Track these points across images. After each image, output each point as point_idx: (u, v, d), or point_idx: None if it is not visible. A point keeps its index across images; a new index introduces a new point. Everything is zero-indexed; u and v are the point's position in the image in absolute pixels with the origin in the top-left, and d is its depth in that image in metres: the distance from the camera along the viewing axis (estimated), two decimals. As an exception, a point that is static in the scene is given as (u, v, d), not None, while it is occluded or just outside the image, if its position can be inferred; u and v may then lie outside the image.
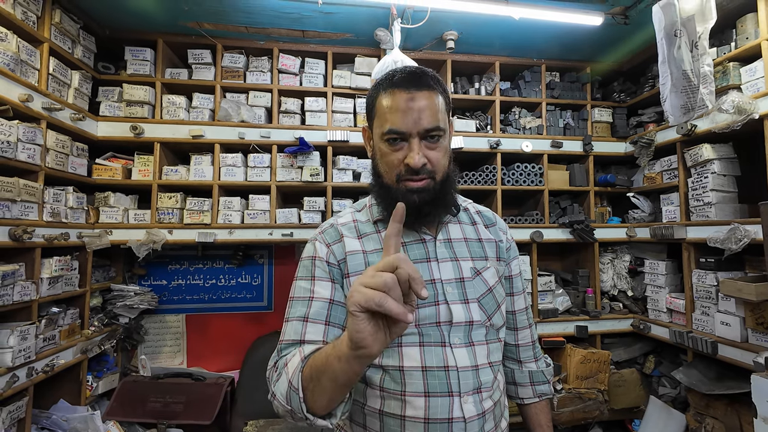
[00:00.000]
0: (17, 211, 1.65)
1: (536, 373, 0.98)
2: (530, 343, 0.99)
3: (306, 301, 0.79)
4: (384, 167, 0.83)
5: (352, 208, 0.95)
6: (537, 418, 0.96)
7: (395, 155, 0.80)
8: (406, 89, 0.79)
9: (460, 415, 0.75)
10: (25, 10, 1.74)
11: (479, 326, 0.82)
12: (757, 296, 1.69)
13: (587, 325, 2.47)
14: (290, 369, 0.67)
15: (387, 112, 0.80)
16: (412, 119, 0.78)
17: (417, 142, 0.79)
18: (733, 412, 1.85)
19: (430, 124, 0.78)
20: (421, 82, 0.80)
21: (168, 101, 2.30)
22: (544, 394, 0.97)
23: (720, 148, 2.07)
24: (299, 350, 0.71)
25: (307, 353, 0.68)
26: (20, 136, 1.66)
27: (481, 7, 1.95)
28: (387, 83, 0.82)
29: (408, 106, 0.78)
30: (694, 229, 2.13)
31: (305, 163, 2.34)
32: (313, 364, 0.64)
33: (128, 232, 2.18)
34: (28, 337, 1.64)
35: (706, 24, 1.74)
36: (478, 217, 0.97)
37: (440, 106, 0.81)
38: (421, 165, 0.78)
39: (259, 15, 2.16)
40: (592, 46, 2.48)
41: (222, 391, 2.12)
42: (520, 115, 2.64)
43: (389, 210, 0.85)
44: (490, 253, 0.91)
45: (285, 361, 0.71)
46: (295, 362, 0.68)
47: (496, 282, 0.88)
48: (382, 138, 0.82)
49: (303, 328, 0.76)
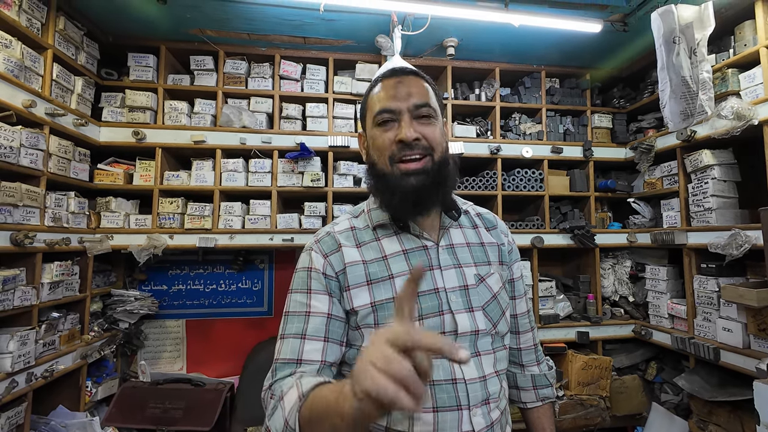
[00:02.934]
0: (19, 216, 1.66)
1: (539, 376, 0.96)
2: (532, 347, 0.98)
3: (303, 317, 0.76)
4: (376, 153, 0.81)
5: (348, 214, 0.92)
6: (540, 422, 0.94)
7: (386, 135, 0.79)
8: (395, 76, 0.82)
9: (469, 428, 0.73)
10: (29, 17, 1.75)
11: (485, 335, 0.80)
12: (759, 302, 1.69)
13: (588, 331, 2.46)
14: (287, 405, 0.63)
15: (377, 99, 0.81)
16: (402, 97, 0.79)
17: (408, 118, 0.78)
18: (736, 419, 1.84)
19: (420, 100, 0.79)
20: (408, 70, 0.83)
21: (170, 107, 2.31)
22: (547, 397, 0.95)
23: (720, 153, 2.07)
24: (296, 383, 0.65)
25: (305, 390, 0.61)
26: (23, 141, 1.67)
27: (481, 14, 1.97)
28: (375, 80, 0.86)
29: (397, 87, 0.80)
30: (695, 235, 2.13)
31: (306, 168, 2.35)
32: (312, 407, 0.58)
33: (129, 237, 2.18)
34: (28, 342, 1.64)
35: (704, 31, 1.75)
36: (479, 220, 0.95)
37: (429, 90, 0.83)
38: (413, 138, 0.76)
39: (261, 22, 2.19)
40: (592, 52, 2.50)
41: (221, 396, 2.11)
42: (520, 120, 2.66)
43: (388, 203, 0.82)
44: (493, 258, 0.89)
45: (281, 391, 0.67)
46: (292, 398, 0.62)
47: (500, 288, 0.86)
48: (374, 124, 0.81)
49: (300, 346, 0.74)
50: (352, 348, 0.79)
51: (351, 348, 0.79)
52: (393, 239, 0.84)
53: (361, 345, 0.77)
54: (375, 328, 0.76)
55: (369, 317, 0.76)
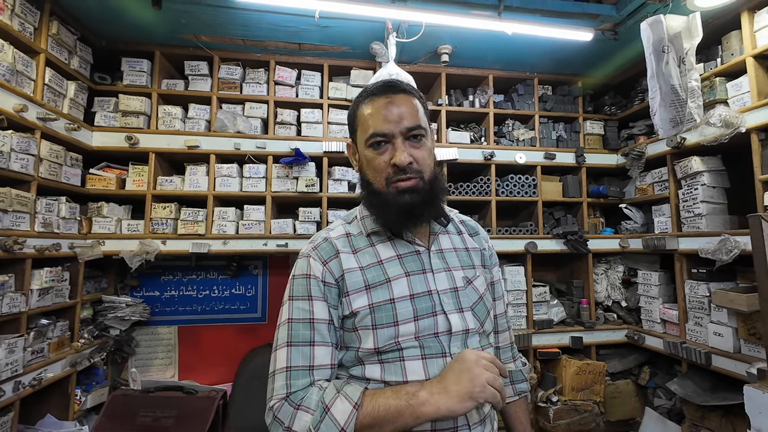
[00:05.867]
0: (8, 221, 1.64)
1: (515, 372, 1.02)
2: (509, 345, 1.04)
3: (308, 323, 0.78)
4: (372, 173, 0.84)
5: (342, 221, 0.94)
6: (517, 415, 1.00)
7: (381, 158, 0.82)
8: (384, 94, 0.83)
9: (464, 422, 0.77)
10: (22, 21, 1.75)
11: (474, 333, 0.84)
12: (749, 307, 1.71)
13: (582, 336, 2.47)
14: (338, 415, 0.68)
15: (369, 119, 0.83)
16: (393, 120, 0.81)
17: (401, 141, 0.81)
18: (728, 423, 1.85)
19: (412, 123, 0.82)
20: (397, 88, 0.85)
21: (164, 112, 2.31)
22: (523, 391, 1.02)
23: (709, 160, 2.11)
24: (341, 393, 0.71)
25: (356, 399, 0.70)
26: (14, 146, 1.65)
27: (474, 22, 1.99)
28: (364, 94, 0.86)
29: (388, 109, 0.82)
30: (686, 240, 2.16)
31: (301, 173, 2.35)
32: (375, 413, 0.69)
33: (121, 242, 2.16)
34: (16, 350, 1.61)
35: (692, 41, 1.79)
36: (463, 227, 1.00)
37: (419, 109, 0.85)
38: (407, 163, 0.80)
39: (257, 28, 2.19)
40: (583, 60, 2.54)
41: (214, 404, 2.09)
42: (514, 127, 2.68)
43: (383, 218, 0.85)
44: (477, 261, 0.95)
45: (323, 402, 0.71)
46: (345, 408, 0.69)
47: (485, 289, 0.92)
48: (366, 144, 0.83)
49: (311, 352, 0.76)
50: (349, 350, 0.81)
51: (348, 350, 0.81)
52: (387, 245, 0.87)
53: (359, 347, 0.78)
54: (372, 330, 0.78)
55: (366, 318, 0.79)
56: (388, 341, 0.77)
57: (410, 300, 0.80)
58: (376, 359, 0.78)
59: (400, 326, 0.78)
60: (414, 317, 0.79)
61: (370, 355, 0.78)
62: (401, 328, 0.77)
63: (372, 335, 0.77)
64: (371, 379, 0.77)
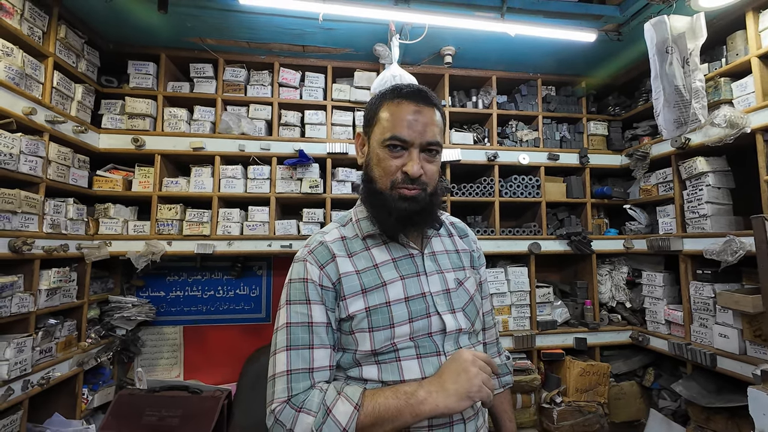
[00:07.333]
0: (17, 222, 1.66)
1: (501, 366, 1.07)
2: (495, 340, 1.08)
3: (306, 327, 0.79)
4: (379, 172, 0.85)
5: (336, 223, 0.94)
6: (502, 405, 1.05)
7: (394, 161, 0.83)
8: (415, 102, 0.84)
9: (459, 417, 0.80)
10: (31, 25, 1.77)
11: (465, 333, 0.87)
12: (754, 308, 1.70)
13: (586, 337, 2.46)
14: (340, 417, 0.70)
15: (392, 120, 0.84)
16: (417, 130, 0.82)
17: (417, 152, 0.83)
18: (734, 425, 1.84)
19: (432, 138, 0.83)
20: (428, 99, 0.86)
21: (169, 114, 2.33)
22: (508, 383, 1.07)
23: (714, 161, 2.10)
24: (341, 395, 0.73)
25: (356, 400, 0.72)
26: (23, 148, 1.68)
27: (477, 23, 2.00)
28: (394, 94, 0.86)
29: (415, 117, 0.83)
30: (691, 241, 2.15)
31: (305, 175, 2.37)
32: (375, 413, 0.71)
33: (127, 243, 2.18)
34: (25, 350, 1.64)
35: (696, 41, 1.78)
36: (453, 229, 1.03)
37: (440, 125, 0.87)
38: (418, 175, 0.82)
39: (261, 31, 2.21)
40: (587, 61, 2.53)
41: (219, 404, 2.10)
42: (517, 128, 2.68)
43: (381, 222, 0.86)
44: (466, 263, 0.98)
45: (324, 404, 0.72)
46: (345, 410, 0.71)
47: (475, 290, 0.95)
48: (382, 144, 0.84)
49: (310, 355, 0.77)
50: (346, 352, 0.82)
51: (345, 353, 0.82)
52: (382, 248, 0.89)
53: (356, 349, 0.80)
54: (368, 332, 0.79)
55: (363, 321, 0.80)
56: (385, 343, 0.78)
57: (405, 303, 0.82)
58: (373, 360, 0.79)
59: (396, 328, 0.79)
60: (409, 319, 0.81)
61: (367, 356, 0.79)
62: (397, 330, 0.79)
63: (369, 337, 0.79)
64: (369, 379, 0.79)
